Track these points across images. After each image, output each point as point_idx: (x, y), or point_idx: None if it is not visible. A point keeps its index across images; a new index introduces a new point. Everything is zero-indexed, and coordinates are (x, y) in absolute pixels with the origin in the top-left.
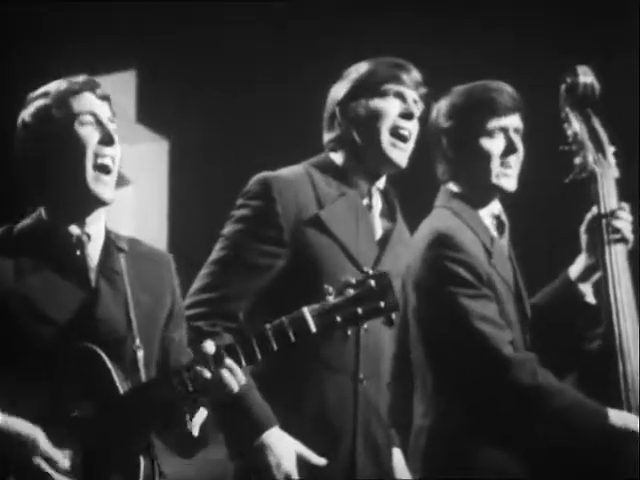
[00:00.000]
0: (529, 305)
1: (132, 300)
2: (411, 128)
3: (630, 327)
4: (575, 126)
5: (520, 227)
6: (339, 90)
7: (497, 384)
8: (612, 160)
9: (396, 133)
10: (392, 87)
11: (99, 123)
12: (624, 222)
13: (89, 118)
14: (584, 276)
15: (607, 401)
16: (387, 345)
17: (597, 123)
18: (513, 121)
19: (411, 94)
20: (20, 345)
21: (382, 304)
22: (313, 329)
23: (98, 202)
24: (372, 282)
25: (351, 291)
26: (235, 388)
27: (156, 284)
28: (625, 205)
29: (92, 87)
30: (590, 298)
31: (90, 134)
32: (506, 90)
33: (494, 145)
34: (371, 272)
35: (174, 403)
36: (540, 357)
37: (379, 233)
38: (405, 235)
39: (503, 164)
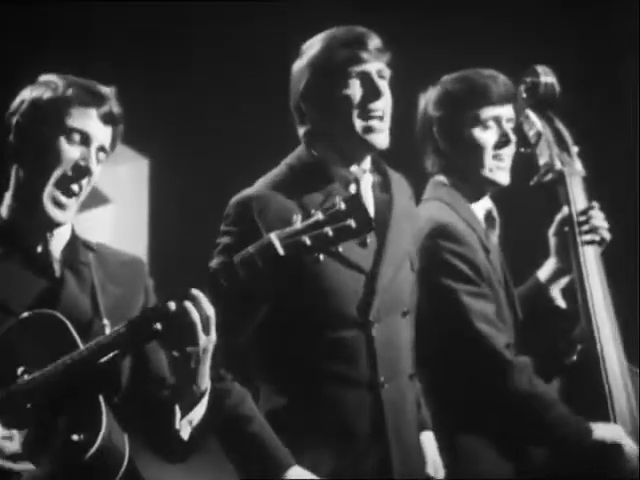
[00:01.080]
0: (519, 307)
1: (100, 288)
2: (382, 106)
3: (609, 329)
4: (538, 127)
5: None
6: (299, 78)
7: (494, 387)
8: (577, 159)
9: (368, 117)
10: (354, 69)
11: (86, 145)
12: (598, 221)
13: (78, 138)
14: (553, 280)
15: (592, 406)
16: (404, 336)
17: (559, 123)
18: (507, 111)
19: (375, 67)
20: None
21: (353, 224)
22: (281, 252)
23: (49, 222)
24: (342, 204)
25: (319, 213)
26: (196, 319)
27: (128, 282)
28: (595, 204)
29: (100, 104)
30: (560, 302)
31: (70, 153)
32: (500, 78)
33: (487, 136)
34: (342, 196)
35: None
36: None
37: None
38: (408, 208)
39: (496, 157)
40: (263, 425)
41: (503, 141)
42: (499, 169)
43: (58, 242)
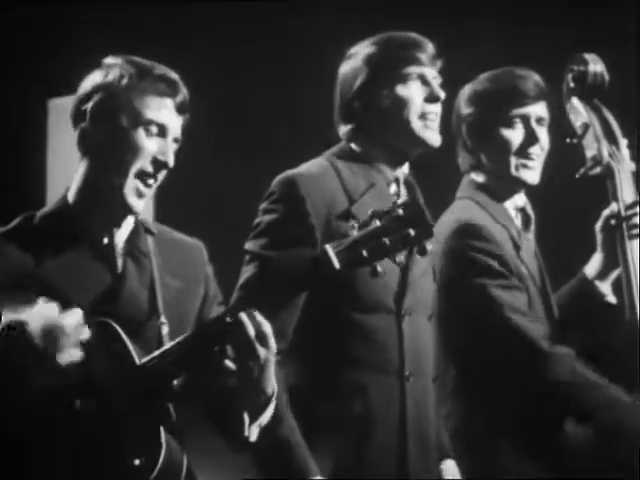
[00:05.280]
0: (555, 304)
1: (159, 282)
2: (437, 111)
3: None
4: (585, 118)
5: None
6: (353, 77)
7: (533, 380)
8: (627, 153)
9: (425, 118)
10: (413, 70)
11: (163, 137)
12: None
13: (156, 130)
14: (602, 275)
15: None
16: (429, 338)
17: (608, 114)
18: (536, 110)
19: (431, 73)
20: None
21: (412, 232)
22: (337, 266)
23: (128, 211)
24: (400, 210)
25: (377, 222)
26: (252, 333)
27: (187, 271)
28: None
29: (175, 94)
30: (610, 298)
31: (149, 147)
32: (531, 77)
33: (513, 135)
34: (399, 201)
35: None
36: None
37: None
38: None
39: (523, 155)
40: (293, 429)
41: (529, 140)
42: (526, 168)
43: (123, 233)
